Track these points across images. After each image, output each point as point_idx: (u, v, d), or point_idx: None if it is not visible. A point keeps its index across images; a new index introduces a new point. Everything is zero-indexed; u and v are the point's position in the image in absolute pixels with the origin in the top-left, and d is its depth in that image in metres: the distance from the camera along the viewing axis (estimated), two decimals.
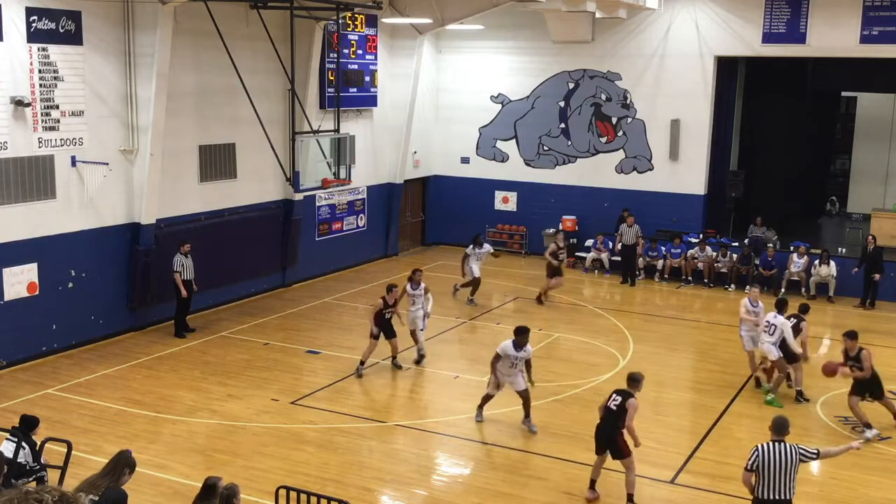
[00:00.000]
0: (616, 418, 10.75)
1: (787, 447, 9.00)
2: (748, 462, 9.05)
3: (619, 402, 10.76)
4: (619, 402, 10.75)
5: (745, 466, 9.09)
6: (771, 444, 9.01)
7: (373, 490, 11.29)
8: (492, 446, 12.68)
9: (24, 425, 9.66)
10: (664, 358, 16.95)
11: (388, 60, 23.93)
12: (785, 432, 9.13)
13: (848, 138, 28.51)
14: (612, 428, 10.81)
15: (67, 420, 13.11)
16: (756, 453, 9.00)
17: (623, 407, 10.70)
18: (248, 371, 15.52)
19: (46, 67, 15.32)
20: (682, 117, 23.71)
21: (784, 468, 8.92)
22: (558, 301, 20.82)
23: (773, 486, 8.93)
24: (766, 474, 8.92)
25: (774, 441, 9.04)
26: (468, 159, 26.54)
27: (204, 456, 12.08)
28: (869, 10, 21.22)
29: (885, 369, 16.41)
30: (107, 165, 16.37)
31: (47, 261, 15.70)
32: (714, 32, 23.03)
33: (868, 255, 21.01)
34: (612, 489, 11.47)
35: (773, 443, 9.02)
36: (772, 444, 9.01)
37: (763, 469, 8.93)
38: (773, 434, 9.11)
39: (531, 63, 25.22)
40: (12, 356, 15.31)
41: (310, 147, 18.02)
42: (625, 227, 22.68)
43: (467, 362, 16.32)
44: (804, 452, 9.05)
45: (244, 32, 18.73)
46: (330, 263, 22.77)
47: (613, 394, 10.96)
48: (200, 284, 17.54)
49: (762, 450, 8.98)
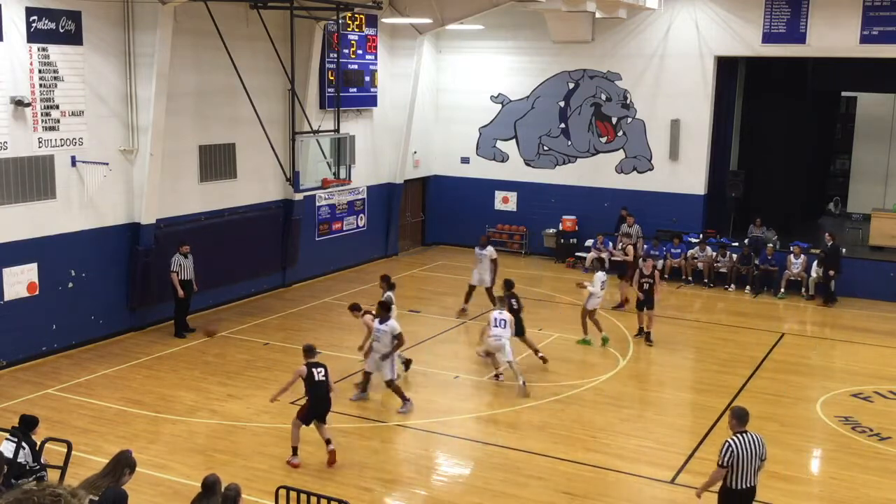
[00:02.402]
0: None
1: (753, 436, 9.13)
2: (722, 458, 9.05)
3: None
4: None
5: (719, 462, 9.08)
6: (741, 437, 9.09)
7: (373, 490, 11.29)
8: (492, 446, 12.67)
9: (23, 425, 9.65)
10: (664, 358, 16.95)
11: (388, 60, 23.93)
12: (747, 421, 9.23)
13: (848, 138, 28.51)
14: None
15: (67, 420, 13.11)
16: (730, 449, 9.02)
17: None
18: (248, 371, 15.52)
19: (46, 67, 15.32)
20: (682, 117, 23.71)
21: (752, 457, 9.05)
22: (558, 300, 20.82)
23: (743, 475, 9.05)
24: (738, 466, 9.02)
25: (741, 433, 9.13)
26: (468, 159, 26.54)
27: (204, 456, 12.08)
28: (869, 10, 21.21)
29: (884, 369, 16.48)
30: (107, 165, 16.37)
31: (47, 261, 15.70)
32: (714, 32, 23.03)
33: (826, 253, 21.06)
34: (612, 489, 11.48)
35: (741, 434, 9.12)
36: (741, 435, 9.10)
37: (736, 462, 9.02)
38: (739, 425, 9.17)
39: (531, 63, 25.22)
40: (12, 356, 15.31)
41: (310, 147, 18.02)
42: (625, 227, 22.66)
43: (467, 362, 16.32)
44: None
45: (244, 32, 18.73)
46: (330, 263, 22.77)
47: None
48: (200, 284, 17.55)
49: (735, 444, 9.03)
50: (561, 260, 24.89)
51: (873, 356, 17.28)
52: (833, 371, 16.61)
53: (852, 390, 15.19)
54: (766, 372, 16.15)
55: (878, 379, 15.86)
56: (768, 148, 25.63)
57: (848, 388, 15.27)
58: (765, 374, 16.05)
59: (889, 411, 14.28)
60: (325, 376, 11.85)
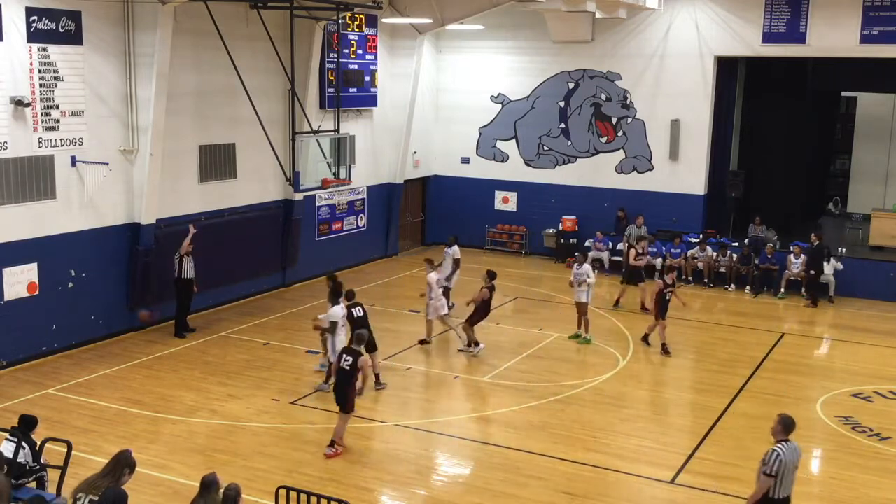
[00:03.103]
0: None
1: (795, 446, 8.93)
2: (770, 468, 8.69)
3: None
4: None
5: (767, 472, 8.71)
6: (786, 445, 8.81)
7: (373, 490, 11.29)
8: (492, 446, 12.67)
9: (23, 425, 9.65)
10: (664, 358, 16.95)
11: (388, 60, 23.93)
12: (792, 430, 8.95)
13: (848, 138, 28.48)
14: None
15: (67, 420, 13.11)
16: (779, 457, 8.70)
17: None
18: (248, 371, 15.52)
19: (46, 67, 15.32)
20: (682, 117, 23.71)
21: (794, 467, 8.89)
22: (558, 300, 20.81)
23: (784, 484, 8.83)
24: (782, 475, 8.75)
25: (785, 441, 8.87)
26: (468, 159, 26.55)
27: (204, 456, 12.08)
28: (869, 10, 21.21)
29: (884, 369, 16.48)
30: (107, 165, 16.37)
31: (47, 261, 15.70)
32: (714, 32, 23.03)
33: (810, 252, 21.09)
34: (612, 489, 11.48)
35: (785, 442, 8.84)
36: (785, 443, 8.83)
37: (781, 470, 8.72)
38: (784, 433, 8.90)
39: (531, 63, 25.22)
40: (12, 356, 15.31)
41: (310, 147, 18.01)
42: (633, 227, 22.52)
43: (467, 362, 16.33)
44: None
45: (244, 32, 18.73)
46: (330, 263, 22.73)
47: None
48: (200, 284, 17.54)
49: (783, 453, 8.73)
50: (561, 260, 24.88)
51: (873, 356, 17.28)
52: (833, 371, 16.60)
53: (852, 390, 15.19)
54: (766, 372, 16.14)
55: (878, 379, 15.86)
56: (768, 148, 25.63)
57: (848, 388, 15.27)
58: (765, 374, 16.04)
59: (889, 411, 14.28)
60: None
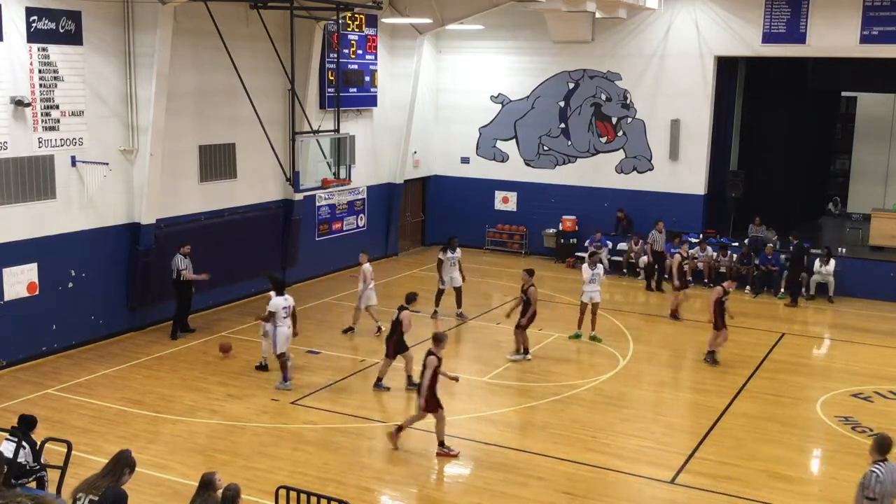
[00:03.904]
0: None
1: (894, 466, 8.40)
2: (871, 490, 8.26)
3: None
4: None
5: (868, 495, 8.28)
6: (883, 465, 8.34)
7: (373, 490, 11.29)
8: (492, 446, 12.67)
9: (23, 425, 9.65)
10: (664, 358, 16.95)
11: (388, 60, 23.93)
12: (889, 450, 8.45)
13: (848, 138, 28.47)
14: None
15: (67, 420, 13.11)
16: (879, 479, 8.25)
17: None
18: (248, 371, 15.52)
19: (46, 67, 15.32)
20: (682, 117, 23.71)
21: (892, 487, 8.33)
22: (558, 300, 20.82)
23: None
24: (884, 497, 8.29)
25: (883, 461, 8.39)
26: (468, 159, 26.55)
27: (204, 456, 12.08)
28: (869, 10, 21.22)
29: (884, 369, 16.48)
30: (107, 165, 16.37)
31: (47, 261, 15.70)
32: (714, 32, 23.03)
33: (792, 252, 21.06)
34: (612, 489, 11.48)
35: (883, 462, 8.37)
36: (882, 464, 8.36)
37: (883, 493, 8.28)
38: (879, 453, 8.44)
39: (531, 63, 25.22)
40: (12, 356, 15.31)
41: (310, 147, 18.01)
42: (655, 233, 22.31)
43: (467, 362, 16.33)
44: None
45: (244, 32, 18.73)
46: (330, 263, 22.76)
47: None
48: (200, 285, 17.53)
49: (881, 474, 8.27)
50: (561, 260, 24.89)
51: (873, 356, 17.28)
52: (833, 371, 16.61)
53: (852, 390, 15.19)
54: (766, 372, 16.15)
55: (878, 379, 15.86)
56: (768, 148, 25.64)
57: (848, 388, 15.28)
58: (765, 374, 16.05)
59: (889, 411, 14.28)
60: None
